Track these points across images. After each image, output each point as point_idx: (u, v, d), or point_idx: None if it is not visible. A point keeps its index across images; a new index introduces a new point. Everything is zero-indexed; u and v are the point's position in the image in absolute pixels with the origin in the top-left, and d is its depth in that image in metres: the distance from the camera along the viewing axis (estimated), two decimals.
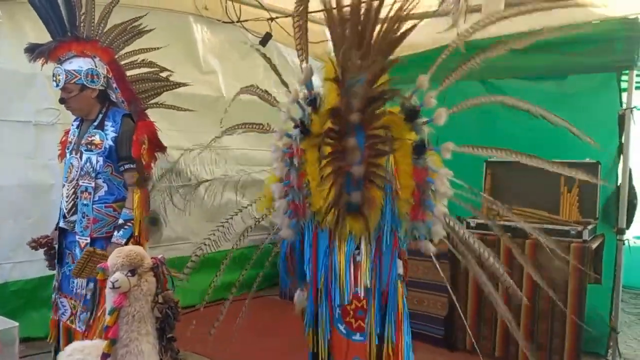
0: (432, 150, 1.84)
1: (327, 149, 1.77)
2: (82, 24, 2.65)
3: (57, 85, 2.55)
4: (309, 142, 1.91)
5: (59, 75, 2.54)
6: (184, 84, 3.05)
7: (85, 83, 2.55)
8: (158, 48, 2.98)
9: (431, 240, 1.91)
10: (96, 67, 2.59)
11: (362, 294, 1.88)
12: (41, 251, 3.61)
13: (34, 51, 2.59)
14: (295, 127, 1.94)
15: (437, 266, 2.02)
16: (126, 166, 2.58)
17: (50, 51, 2.56)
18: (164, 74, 2.91)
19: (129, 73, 2.77)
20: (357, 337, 1.96)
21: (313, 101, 1.87)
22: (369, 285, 1.87)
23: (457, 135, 1.87)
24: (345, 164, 1.67)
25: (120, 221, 2.54)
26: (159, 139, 2.76)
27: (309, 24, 4.89)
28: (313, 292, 2.05)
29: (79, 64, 2.55)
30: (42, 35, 3.52)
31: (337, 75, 1.69)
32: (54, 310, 2.71)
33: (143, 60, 2.88)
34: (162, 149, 2.83)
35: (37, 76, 3.59)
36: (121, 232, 2.52)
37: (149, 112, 2.83)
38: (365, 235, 1.85)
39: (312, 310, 2.07)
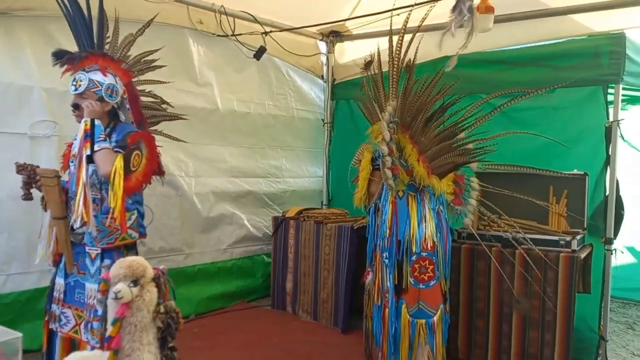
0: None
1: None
2: (106, 45, 2.77)
3: (76, 90, 2.59)
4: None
5: (80, 81, 2.59)
6: (182, 117, 3.23)
7: (103, 95, 2.61)
8: (160, 66, 3.12)
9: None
10: (116, 84, 2.67)
11: (429, 247, 2.93)
12: (36, 263, 3.65)
13: (61, 56, 2.64)
14: (391, 122, 2.90)
15: None
16: (115, 149, 2.56)
17: (80, 60, 2.62)
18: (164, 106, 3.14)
19: None
20: (421, 286, 2.96)
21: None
22: (436, 241, 2.94)
23: None
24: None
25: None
26: (159, 160, 2.80)
27: (302, 38, 5.27)
28: (396, 244, 2.95)
29: (103, 77, 2.62)
30: (39, 49, 3.58)
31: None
32: (52, 321, 2.71)
33: (150, 91, 3.02)
34: (161, 172, 2.87)
35: (33, 89, 3.62)
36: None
37: None
38: (429, 207, 2.98)
39: (393, 261, 2.96)
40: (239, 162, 5.11)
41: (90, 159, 2.51)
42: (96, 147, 2.50)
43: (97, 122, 2.53)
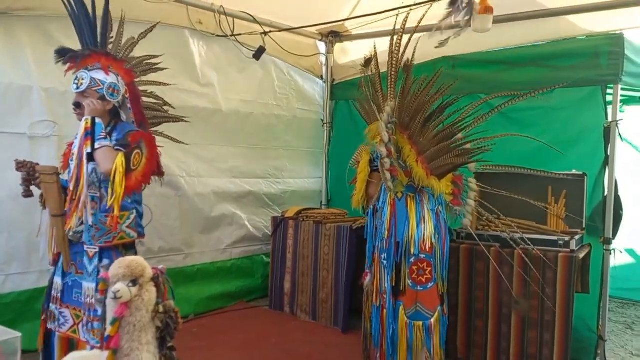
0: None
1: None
2: (110, 45, 2.79)
3: (78, 88, 2.59)
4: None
5: (82, 79, 2.59)
6: (184, 120, 3.22)
7: (105, 94, 2.61)
8: (163, 68, 3.14)
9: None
10: (118, 83, 2.67)
11: (427, 249, 2.92)
12: (35, 263, 3.66)
13: (63, 54, 2.65)
14: (390, 123, 2.90)
15: None
16: (116, 148, 2.55)
17: (83, 59, 2.63)
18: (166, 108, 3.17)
19: None
20: (419, 288, 2.96)
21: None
22: (435, 243, 2.92)
23: None
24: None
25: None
26: (159, 161, 2.80)
27: (301, 38, 5.25)
28: (394, 246, 2.93)
29: (104, 76, 2.63)
30: (39, 49, 3.59)
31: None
32: (50, 320, 2.70)
33: (152, 92, 3.03)
34: (161, 173, 2.87)
35: (33, 89, 3.63)
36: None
37: None
38: (428, 208, 2.97)
39: (391, 262, 2.94)
40: (240, 162, 5.12)
41: (90, 157, 2.50)
42: (97, 145, 2.49)
43: (98, 120, 2.53)
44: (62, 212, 2.62)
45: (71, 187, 2.56)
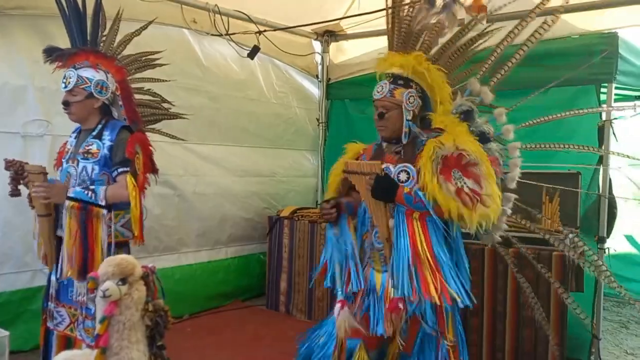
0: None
1: None
2: (102, 43, 2.77)
3: (66, 87, 2.60)
4: None
5: (70, 78, 2.59)
6: (182, 116, 3.18)
7: (92, 92, 2.61)
8: (160, 64, 3.10)
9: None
10: (107, 80, 2.66)
11: None
12: (29, 263, 3.65)
13: (51, 53, 2.65)
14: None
15: None
16: (119, 170, 2.58)
17: (70, 57, 2.62)
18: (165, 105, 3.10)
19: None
20: None
21: None
22: None
23: None
24: None
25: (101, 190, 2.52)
26: (152, 158, 2.79)
27: (297, 38, 5.22)
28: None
29: (92, 73, 2.62)
30: (32, 48, 3.58)
31: None
32: (49, 319, 2.70)
33: (149, 89, 3.01)
34: (155, 170, 2.86)
35: (27, 88, 3.63)
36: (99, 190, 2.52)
37: None
38: None
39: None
40: (239, 161, 5.12)
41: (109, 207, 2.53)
42: (102, 201, 2.50)
43: (70, 193, 2.53)
44: (48, 212, 2.61)
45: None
